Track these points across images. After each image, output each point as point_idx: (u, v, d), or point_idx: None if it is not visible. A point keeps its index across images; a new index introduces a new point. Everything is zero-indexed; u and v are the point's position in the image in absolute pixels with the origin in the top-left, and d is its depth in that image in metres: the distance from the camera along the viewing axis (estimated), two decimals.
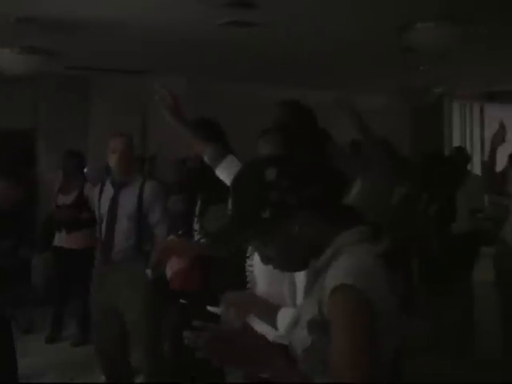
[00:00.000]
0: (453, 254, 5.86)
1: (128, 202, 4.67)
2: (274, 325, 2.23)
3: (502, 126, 4.77)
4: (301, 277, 2.14)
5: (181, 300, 3.80)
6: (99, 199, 4.79)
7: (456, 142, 13.32)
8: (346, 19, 6.67)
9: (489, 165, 4.85)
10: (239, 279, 2.78)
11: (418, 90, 10.58)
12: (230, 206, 1.80)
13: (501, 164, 4.89)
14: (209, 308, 2.44)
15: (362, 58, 8.83)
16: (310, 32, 7.22)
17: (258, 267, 2.60)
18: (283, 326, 2.15)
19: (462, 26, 6.35)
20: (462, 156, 7.64)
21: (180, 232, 3.88)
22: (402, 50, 7.29)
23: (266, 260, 1.84)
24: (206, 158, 3.07)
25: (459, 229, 6.00)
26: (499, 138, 4.77)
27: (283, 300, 2.38)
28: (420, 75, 9.66)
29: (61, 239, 6.98)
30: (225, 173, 2.91)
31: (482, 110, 14.54)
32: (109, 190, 4.74)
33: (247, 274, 2.75)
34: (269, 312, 2.28)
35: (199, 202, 3.74)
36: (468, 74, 11.01)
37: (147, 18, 6.50)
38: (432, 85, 10.68)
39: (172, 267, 3.66)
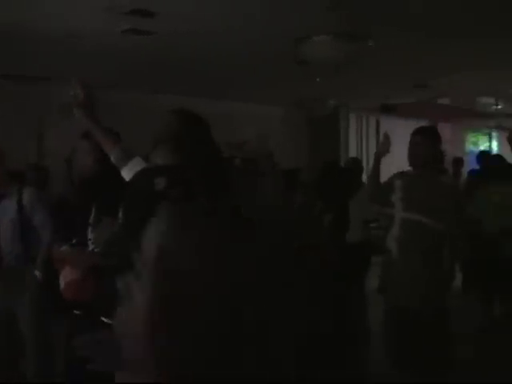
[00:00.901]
0: (346, 263, 5.98)
1: (9, 209, 4.93)
2: None
3: (387, 137, 4.94)
4: None
5: (74, 311, 3.74)
6: None
7: (352, 153, 13.59)
8: (244, 31, 6.75)
9: (372, 175, 4.99)
10: None
11: (314, 102, 10.78)
12: (120, 214, 1.80)
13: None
14: (103, 319, 2.42)
15: (259, 69, 8.93)
16: (208, 42, 7.27)
17: None
18: None
19: (357, 40, 6.52)
20: (357, 167, 7.84)
21: (74, 241, 3.83)
22: (298, 62, 7.43)
23: None
24: (112, 158, 3.07)
25: (352, 238, 6.14)
26: (384, 148, 4.93)
27: None
28: (316, 87, 9.84)
29: None
30: (130, 174, 2.90)
31: (378, 122, 14.91)
32: None
33: None
34: None
35: (94, 211, 3.69)
36: (364, 87, 11.29)
37: (46, 25, 6.42)
38: (328, 96, 10.89)
39: (65, 277, 3.59)
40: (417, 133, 4.68)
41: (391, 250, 4.62)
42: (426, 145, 4.59)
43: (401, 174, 4.83)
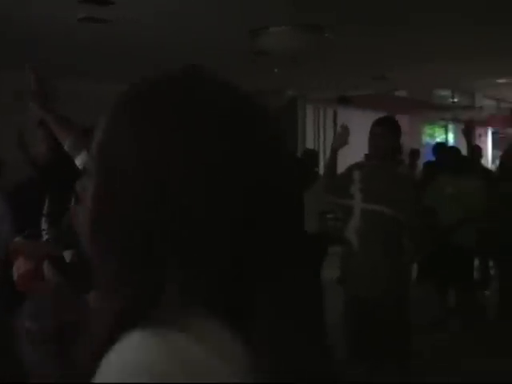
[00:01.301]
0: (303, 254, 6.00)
1: None
2: None
3: (345, 129, 4.92)
4: None
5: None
6: None
7: (309, 144, 13.63)
8: (201, 20, 6.72)
9: (329, 166, 4.99)
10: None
11: (271, 93, 10.79)
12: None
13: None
14: None
15: (216, 59, 8.90)
16: (164, 31, 7.22)
17: None
18: None
19: (314, 31, 6.54)
20: (312, 158, 7.87)
21: (27, 232, 3.79)
22: (255, 52, 7.43)
23: None
24: (66, 147, 3.03)
25: (309, 229, 6.16)
26: (342, 140, 4.92)
27: None
28: (274, 78, 9.85)
29: None
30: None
31: (335, 114, 14.98)
32: None
33: None
34: None
35: (47, 201, 3.66)
36: (321, 78, 11.33)
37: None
38: (285, 87, 10.90)
39: (18, 269, 3.56)
40: (378, 124, 4.67)
41: (351, 240, 4.62)
42: (386, 136, 4.58)
43: (359, 165, 4.83)
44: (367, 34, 7.65)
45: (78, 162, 3.00)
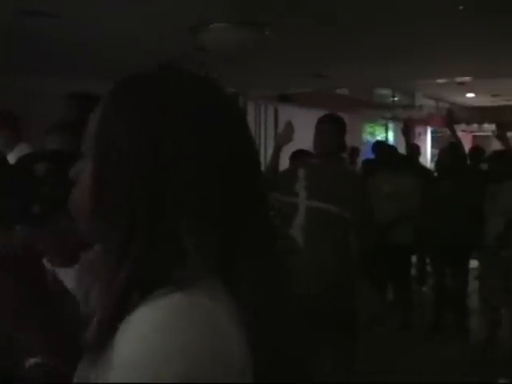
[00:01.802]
0: None
1: None
2: None
3: (289, 126, 4.91)
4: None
5: None
6: None
7: None
8: (143, 16, 6.67)
9: (272, 163, 4.98)
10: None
11: None
12: None
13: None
14: None
15: (158, 55, 8.85)
16: (105, 27, 7.15)
17: None
18: None
19: (254, 29, 6.54)
20: None
21: None
22: (195, 49, 7.39)
23: None
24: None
25: None
26: (286, 137, 4.91)
27: None
28: (214, 75, 9.82)
29: None
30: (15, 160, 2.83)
31: (276, 111, 15.01)
32: None
33: None
34: None
35: None
36: (262, 76, 11.35)
37: None
38: (226, 85, 10.88)
39: None
40: (323, 121, 4.67)
41: (296, 238, 4.61)
42: (331, 133, 4.59)
43: (304, 163, 4.82)
44: (307, 32, 7.68)
45: (10, 158, 2.94)
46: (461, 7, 6.52)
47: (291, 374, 0.99)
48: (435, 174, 7.79)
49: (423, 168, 9.39)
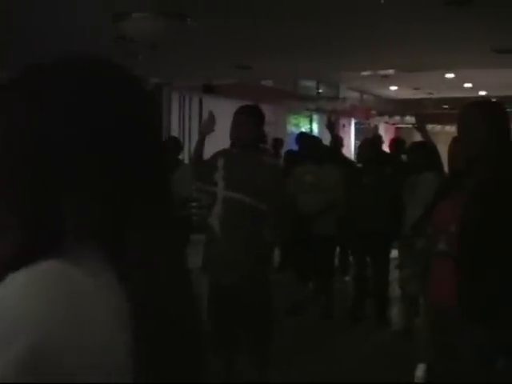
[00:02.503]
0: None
1: None
2: None
3: (211, 116, 4.92)
4: None
5: None
6: None
7: (174, 132, 13.61)
8: (66, 3, 6.55)
9: (195, 153, 4.98)
10: None
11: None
12: None
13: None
14: None
15: (79, 43, 8.70)
16: (32, 15, 7.00)
17: None
18: None
19: (176, 18, 6.50)
20: (175, 145, 7.85)
21: None
22: (118, 38, 7.31)
23: None
24: None
25: None
26: (209, 127, 4.92)
27: None
28: (138, 64, 9.72)
29: None
30: None
31: (201, 102, 14.99)
32: None
33: None
34: None
35: None
36: (187, 66, 11.29)
37: None
38: (150, 74, 10.79)
39: None
40: (240, 112, 4.66)
41: (213, 227, 4.62)
42: (249, 124, 4.59)
43: (224, 153, 4.83)
44: (232, 22, 7.67)
45: None
46: (382, 1, 6.60)
47: (174, 350, 0.98)
48: (358, 166, 7.88)
49: (346, 159, 9.50)
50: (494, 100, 4.55)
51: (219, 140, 5.99)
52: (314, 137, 9.33)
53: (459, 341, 3.23)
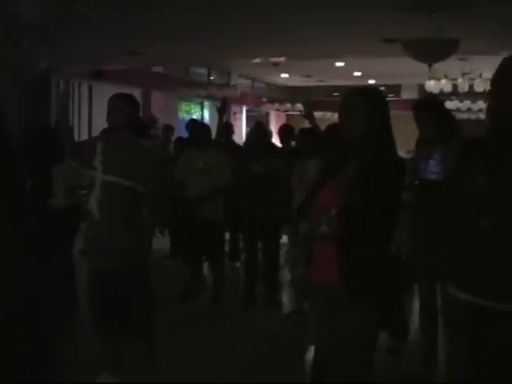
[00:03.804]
0: (52, 229, 5.94)
1: None
2: None
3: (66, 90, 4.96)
4: None
5: None
6: None
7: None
8: None
9: (64, 130, 5.04)
10: None
11: (21, 65, 10.41)
12: None
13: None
14: None
15: None
16: None
17: None
18: None
19: (65, 3, 6.40)
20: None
21: None
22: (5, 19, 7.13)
23: None
24: None
25: (57, 205, 6.16)
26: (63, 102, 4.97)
27: None
28: (26, 49, 9.51)
29: None
30: None
31: (90, 88, 14.80)
32: None
33: None
34: None
35: None
36: (76, 52, 11.10)
37: None
38: (39, 60, 10.56)
39: None
40: (113, 98, 4.76)
41: (93, 212, 4.67)
42: (122, 109, 4.68)
43: (102, 138, 4.88)
44: (121, 7, 7.60)
45: None
46: None
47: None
48: (247, 152, 7.94)
49: (236, 146, 9.58)
50: (374, 87, 4.69)
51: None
52: (203, 124, 9.35)
53: (342, 320, 3.34)
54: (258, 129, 7.70)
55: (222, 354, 5.81)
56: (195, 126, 8.06)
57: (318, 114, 5.92)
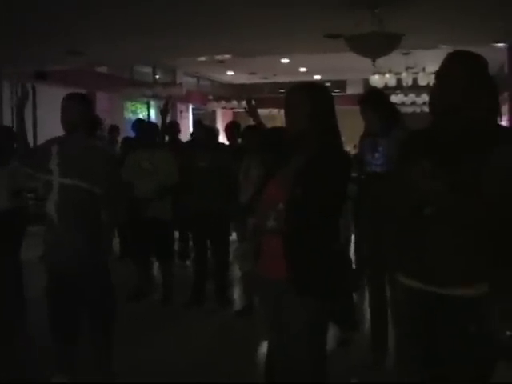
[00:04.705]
0: None
1: None
2: None
3: (25, 90, 4.86)
4: None
5: None
6: None
7: (7, 120, 13.27)
8: None
9: (19, 136, 4.92)
10: None
11: None
12: None
13: None
14: None
15: None
16: None
17: None
18: None
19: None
20: (9, 135, 7.61)
21: None
22: None
23: None
24: None
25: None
26: (20, 102, 4.86)
27: None
28: None
29: None
30: None
31: (34, 89, 14.61)
32: None
33: None
34: None
35: None
36: (18, 52, 10.98)
37: None
38: None
39: None
40: (66, 98, 4.71)
41: (51, 216, 4.60)
42: (74, 110, 4.62)
43: (56, 140, 4.81)
44: (61, 6, 7.52)
45: None
46: None
47: None
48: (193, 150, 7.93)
49: (183, 144, 9.56)
50: (318, 82, 4.72)
51: (55, 129, 5.90)
52: (150, 123, 9.35)
53: (291, 314, 3.35)
54: (199, 126, 7.74)
55: (174, 353, 5.80)
56: (142, 125, 8.02)
57: (263, 111, 5.94)
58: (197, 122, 7.85)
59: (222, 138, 8.96)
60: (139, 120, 10.17)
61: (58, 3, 7.29)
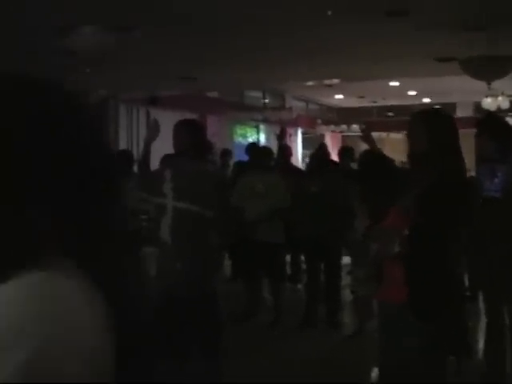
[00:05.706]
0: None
1: None
2: None
3: (155, 123, 4.99)
4: None
5: None
6: None
7: (122, 145, 13.56)
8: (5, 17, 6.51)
9: (142, 162, 5.01)
10: None
11: (83, 92, 10.60)
12: None
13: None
14: None
15: (24, 58, 8.64)
16: None
17: None
18: None
19: (123, 31, 6.52)
20: (126, 158, 7.82)
21: None
22: (66, 52, 7.27)
23: None
24: None
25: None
26: (153, 134, 4.97)
27: None
28: (85, 77, 9.69)
29: None
30: None
31: (148, 114, 14.97)
32: None
33: None
34: None
35: None
36: (133, 78, 11.27)
37: None
38: (97, 87, 10.74)
39: None
40: (177, 124, 4.84)
41: (165, 239, 4.68)
42: (186, 135, 4.73)
43: (171, 164, 4.90)
44: (176, 34, 7.70)
45: None
46: (329, 12, 6.70)
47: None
48: (306, 174, 7.96)
49: (295, 168, 9.60)
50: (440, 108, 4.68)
51: (167, 151, 6.02)
52: (265, 147, 9.41)
53: (409, 340, 3.32)
54: (321, 151, 7.71)
55: (283, 375, 5.79)
56: (256, 149, 8.11)
57: (373, 135, 5.90)
58: (320, 147, 7.79)
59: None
60: (252, 144, 10.27)
61: (172, 31, 7.47)
